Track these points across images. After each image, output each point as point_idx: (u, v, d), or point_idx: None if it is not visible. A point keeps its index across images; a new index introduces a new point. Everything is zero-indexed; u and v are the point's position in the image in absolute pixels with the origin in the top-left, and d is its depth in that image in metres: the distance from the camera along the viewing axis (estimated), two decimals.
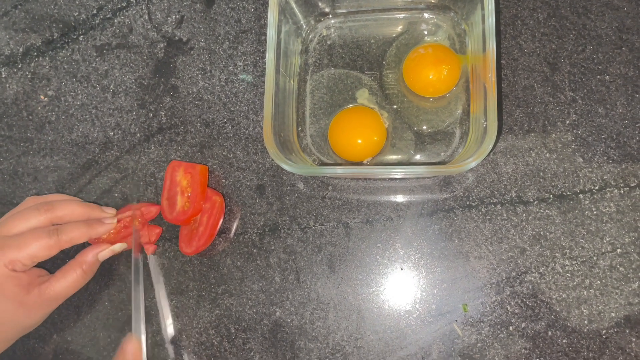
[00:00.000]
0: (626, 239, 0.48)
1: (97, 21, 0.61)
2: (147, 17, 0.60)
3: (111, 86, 0.59)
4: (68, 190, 0.58)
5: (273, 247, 0.53)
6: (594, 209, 0.49)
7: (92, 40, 0.61)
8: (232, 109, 0.57)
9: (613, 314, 0.47)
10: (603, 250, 0.48)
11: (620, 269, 0.48)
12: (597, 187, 0.49)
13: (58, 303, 0.51)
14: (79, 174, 0.58)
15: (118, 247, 0.53)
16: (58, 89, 0.61)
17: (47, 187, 0.58)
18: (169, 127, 0.58)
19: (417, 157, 0.52)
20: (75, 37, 0.61)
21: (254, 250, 0.53)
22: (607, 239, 0.48)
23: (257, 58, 0.57)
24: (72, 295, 0.51)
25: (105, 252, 0.52)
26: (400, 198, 0.52)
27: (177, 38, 0.59)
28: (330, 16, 0.55)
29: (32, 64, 0.62)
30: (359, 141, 0.51)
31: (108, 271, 0.55)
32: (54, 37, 0.62)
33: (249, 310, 0.53)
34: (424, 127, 0.52)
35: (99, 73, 0.60)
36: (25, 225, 0.50)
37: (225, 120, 0.57)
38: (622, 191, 0.49)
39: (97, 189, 0.57)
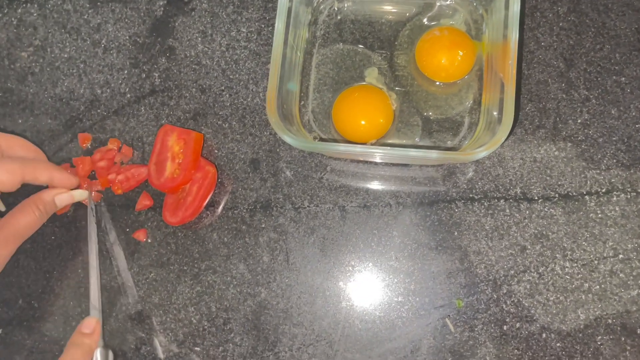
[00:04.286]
0: (629, 245, 0.47)
1: None
2: None
3: (103, 41, 0.56)
4: (47, 147, 0.54)
5: (263, 225, 0.50)
6: (599, 211, 0.47)
7: None
8: (231, 76, 0.54)
9: (610, 321, 0.46)
10: (605, 255, 0.47)
11: (621, 275, 0.46)
12: (603, 190, 0.48)
13: (10, 243, 0.46)
14: (61, 131, 0.54)
15: (78, 194, 0.50)
16: (45, 39, 0.56)
17: None
18: (162, 90, 0.54)
19: (422, 143, 0.49)
20: None
21: (243, 227, 0.51)
22: (610, 244, 0.47)
23: (262, 26, 0.54)
24: (39, 261, 0.48)
25: (64, 196, 0.49)
26: (400, 185, 0.50)
27: None
28: None
29: (19, 10, 0.57)
30: (364, 122, 0.49)
31: (84, 236, 0.52)
32: None
33: (232, 290, 0.50)
34: (432, 113, 0.50)
35: (90, 26, 0.56)
36: None
37: (223, 88, 0.53)
38: (629, 196, 0.47)
39: (78, 148, 0.54)
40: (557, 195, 0.48)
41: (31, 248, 0.52)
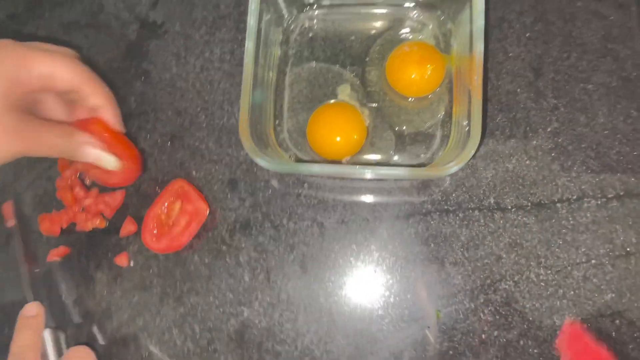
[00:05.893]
0: (601, 251, 0.48)
1: None
2: None
3: None
4: (26, 173, 0.54)
5: (243, 245, 0.51)
6: (570, 218, 0.48)
7: (59, 17, 0.57)
8: (206, 98, 0.54)
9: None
10: (578, 261, 0.48)
11: (594, 280, 0.47)
12: (574, 197, 0.49)
13: (31, 147, 0.43)
14: (37, 159, 0.55)
15: (108, 160, 0.48)
16: None
17: None
18: (139, 113, 0.55)
19: (396, 157, 0.50)
20: (41, 12, 0.58)
21: (223, 247, 0.51)
22: (582, 250, 0.48)
23: (235, 46, 0.55)
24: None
25: (96, 151, 0.46)
26: (377, 199, 0.51)
27: (151, 20, 0.56)
28: (315, 7, 0.53)
29: None
30: (338, 139, 0.49)
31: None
32: (19, 12, 0.58)
33: (215, 310, 0.50)
34: (405, 128, 0.51)
35: None
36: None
37: (199, 109, 0.54)
38: (599, 202, 0.48)
39: (57, 174, 0.54)
40: (529, 203, 0.49)
41: None
